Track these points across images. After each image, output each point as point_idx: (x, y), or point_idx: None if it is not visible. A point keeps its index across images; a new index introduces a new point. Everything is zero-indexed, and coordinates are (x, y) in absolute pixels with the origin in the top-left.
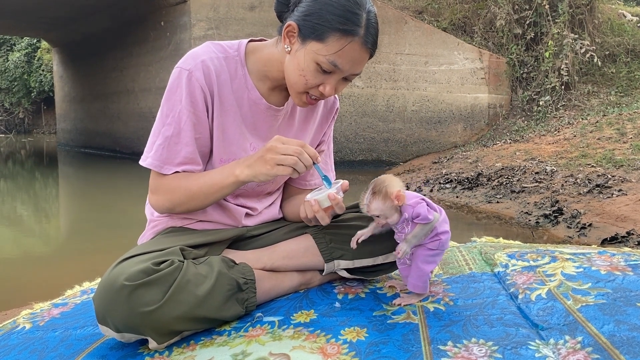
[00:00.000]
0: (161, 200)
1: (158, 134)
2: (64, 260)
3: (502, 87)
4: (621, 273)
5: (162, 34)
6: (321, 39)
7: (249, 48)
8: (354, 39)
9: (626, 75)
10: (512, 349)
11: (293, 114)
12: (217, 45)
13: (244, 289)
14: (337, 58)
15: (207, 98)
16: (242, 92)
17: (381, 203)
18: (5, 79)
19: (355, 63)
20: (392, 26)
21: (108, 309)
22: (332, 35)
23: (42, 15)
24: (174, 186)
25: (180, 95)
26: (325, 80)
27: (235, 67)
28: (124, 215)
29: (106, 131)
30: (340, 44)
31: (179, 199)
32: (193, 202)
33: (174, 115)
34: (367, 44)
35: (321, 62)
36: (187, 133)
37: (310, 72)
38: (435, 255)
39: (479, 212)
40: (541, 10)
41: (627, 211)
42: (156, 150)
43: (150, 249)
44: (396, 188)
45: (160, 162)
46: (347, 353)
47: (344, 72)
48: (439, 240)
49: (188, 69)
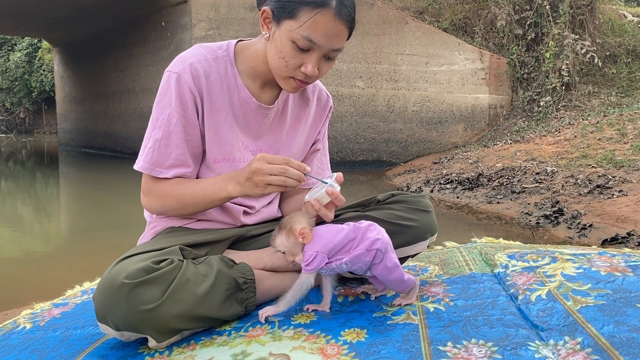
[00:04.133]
0: (153, 204)
1: (149, 138)
2: (64, 260)
3: (503, 88)
4: (621, 274)
5: (163, 34)
6: (292, 15)
7: (238, 48)
8: (325, 9)
9: (627, 75)
10: (512, 349)
11: (284, 112)
12: (206, 47)
13: (243, 289)
14: (310, 32)
15: (196, 100)
16: (232, 91)
17: (285, 239)
18: (6, 78)
19: (330, 36)
20: (393, 26)
21: (108, 307)
22: (302, 9)
23: (43, 16)
24: (167, 193)
25: (169, 98)
26: (305, 59)
27: (225, 67)
28: (125, 216)
29: (107, 131)
30: (310, 16)
31: (171, 205)
32: (185, 210)
33: (163, 118)
34: (341, 15)
35: (296, 39)
36: (177, 135)
37: (288, 53)
38: (388, 262)
39: (480, 212)
40: (542, 10)
41: (628, 212)
42: (147, 154)
43: (150, 248)
44: (302, 225)
45: (151, 164)
46: (347, 354)
47: (322, 47)
48: (377, 250)
49: (176, 72)
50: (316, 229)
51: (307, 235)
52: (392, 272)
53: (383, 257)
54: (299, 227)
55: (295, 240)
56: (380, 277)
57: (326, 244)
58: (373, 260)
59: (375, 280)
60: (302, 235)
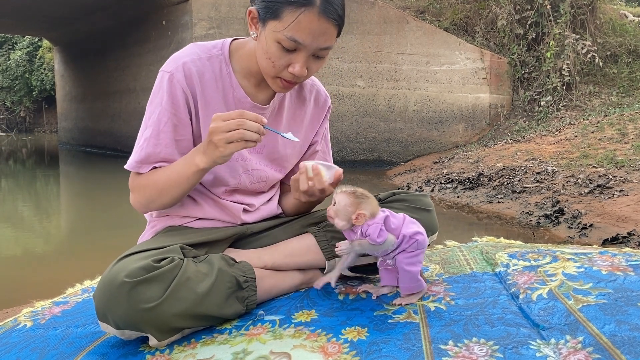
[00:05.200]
0: (137, 198)
1: (140, 137)
2: (65, 258)
3: (504, 87)
4: (622, 273)
5: (163, 33)
6: (276, 16)
7: (232, 47)
8: (308, 9)
9: (628, 75)
10: (513, 348)
11: (280, 112)
12: (201, 46)
13: (244, 287)
14: (294, 32)
15: (188, 99)
16: (227, 91)
17: (347, 201)
18: (6, 77)
19: (315, 35)
20: (394, 26)
21: (108, 305)
22: (286, 9)
23: (44, 14)
24: (144, 183)
25: (161, 97)
26: (292, 59)
27: (219, 66)
28: (125, 214)
29: (107, 130)
30: (293, 16)
31: (150, 194)
32: (164, 197)
33: (154, 117)
34: (326, 13)
35: (281, 40)
36: (166, 135)
37: (274, 53)
38: (417, 256)
39: (480, 212)
40: (543, 10)
41: (628, 212)
42: (136, 152)
43: (150, 247)
44: (367, 211)
45: (138, 162)
46: (348, 352)
47: (307, 47)
48: (416, 241)
49: (169, 71)
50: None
51: (361, 220)
52: (414, 265)
53: (415, 252)
54: (363, 211)
55: (353, 212)
56: (399, 266)
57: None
58: (406, 248)
59: (386, 273)
60: (358, 217)
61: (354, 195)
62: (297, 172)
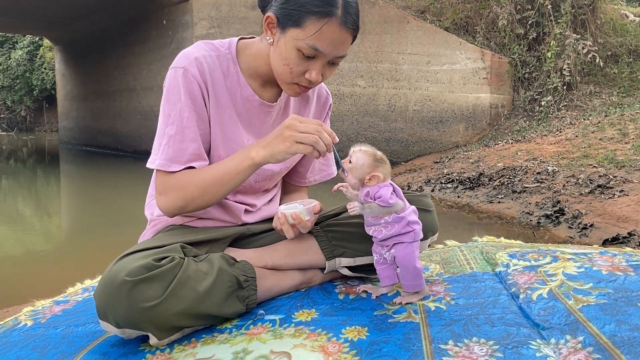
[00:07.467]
0: (172, 200)
1: (163, 135)
2: (65, 257)
3: (504, 87)
4: (622, 273)
5: (164, 32)
6: (299, 24)
7: (239, 46)
8: (331, 20)
9: (628, 75)
10: (513, 348)
11: (286, 110)
12: (209, 44)
13: (244, 287)
14: (316, 41)
15: (204, 93)
16: (235, 89)
17: (366, 161)
18: (7, 77)
19: (336, 45)
20: (394, 26)
21: (109, 304)
22: (309, 19)
23: (44, 14)
24: (184, 182)
25: (178, 93)
26: (310, 66)
27: (227, 65)
28: (126, 213)
29: (108, 129)
30: (317, 26)
31: (192, 194)
32: (207, 195)
33: (175, 114)
34: (346, 24)
35: (302, 48)
36: (191, 129)
37: (293, 60)
38: (413, 247)
39: (481, 212)
40: (543, 10)
41: (629, 212)
42: (162, 151)
43: (151, 246)
44: (381, 173)
45: (168, 161)
46: (348, 352)
47: (326, 55)
48: (412, 231)
49: (183, 66)
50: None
51: (374, 182)
52: (413, 258)
53: (410, 244)
54: (379, 173)
55: (369, 171)
56: (401, 260)
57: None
58: (402, 237)
59: (385, 271)
60: (372, 178)
61: (373, 157)
62: (277, 222)
